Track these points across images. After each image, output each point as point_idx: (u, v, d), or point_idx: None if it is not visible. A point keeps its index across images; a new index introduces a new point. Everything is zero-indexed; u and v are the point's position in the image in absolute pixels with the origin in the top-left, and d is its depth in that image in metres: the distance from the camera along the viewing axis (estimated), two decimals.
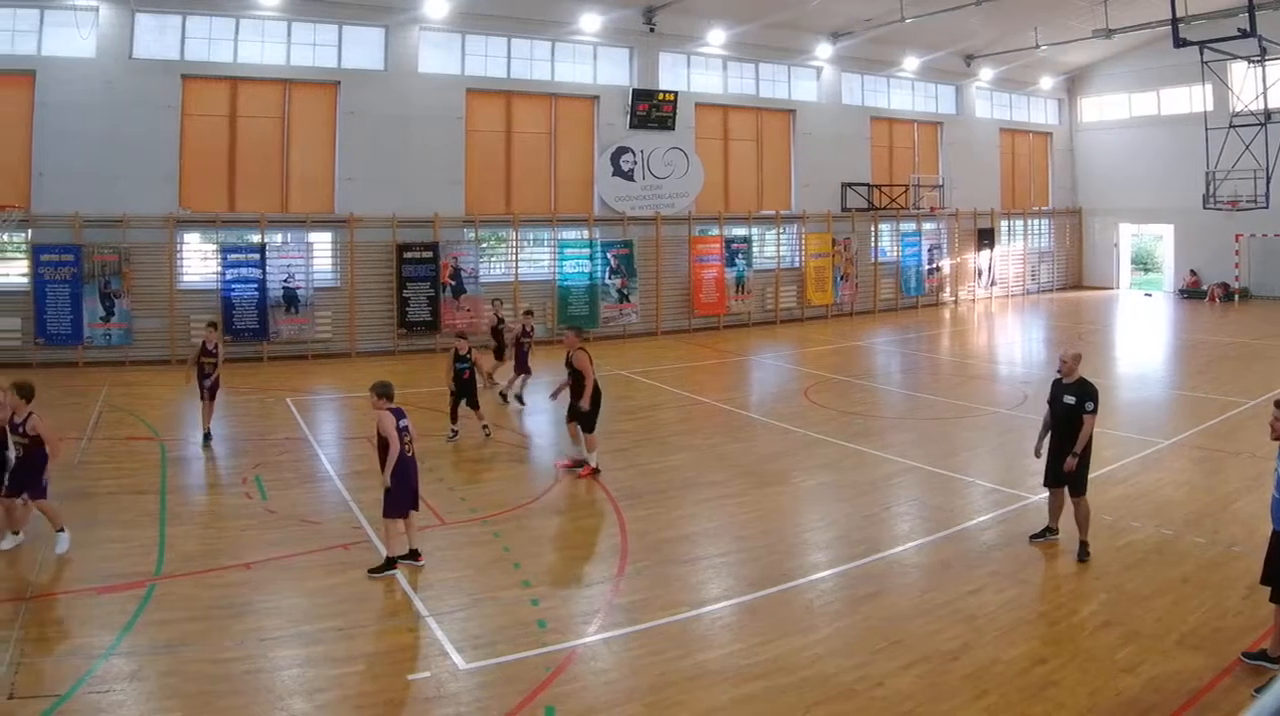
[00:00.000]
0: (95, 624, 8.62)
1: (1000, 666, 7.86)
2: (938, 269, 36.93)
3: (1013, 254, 40.01)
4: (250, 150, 24.67)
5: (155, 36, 23.28)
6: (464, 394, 15.77)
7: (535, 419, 18.80)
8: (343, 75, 25.46)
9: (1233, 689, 7.44)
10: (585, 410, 13.65)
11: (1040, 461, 10.73)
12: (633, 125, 29.42)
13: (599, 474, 13.64)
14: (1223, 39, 27.04)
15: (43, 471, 10.26)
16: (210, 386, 15.39)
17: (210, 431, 15.48)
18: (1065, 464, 10.04)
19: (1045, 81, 40.17)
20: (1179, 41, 25.94)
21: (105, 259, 22.57)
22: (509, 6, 26.98)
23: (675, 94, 29.94)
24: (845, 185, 34.24)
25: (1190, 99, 36.14)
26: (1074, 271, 42.42)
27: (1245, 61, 29.91)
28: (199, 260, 24.44)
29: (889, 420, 17.85)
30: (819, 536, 11.41)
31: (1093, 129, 41.55)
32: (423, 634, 8.60)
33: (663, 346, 27.53)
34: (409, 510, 10.08)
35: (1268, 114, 30.39)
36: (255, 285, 24.02)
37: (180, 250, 23.87)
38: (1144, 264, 43.25)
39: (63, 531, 10.16)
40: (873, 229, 35.01)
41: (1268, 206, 31.05)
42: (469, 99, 27.11)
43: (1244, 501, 12.14)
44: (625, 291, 29.01)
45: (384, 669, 7.96)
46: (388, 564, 9.91)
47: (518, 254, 27.87)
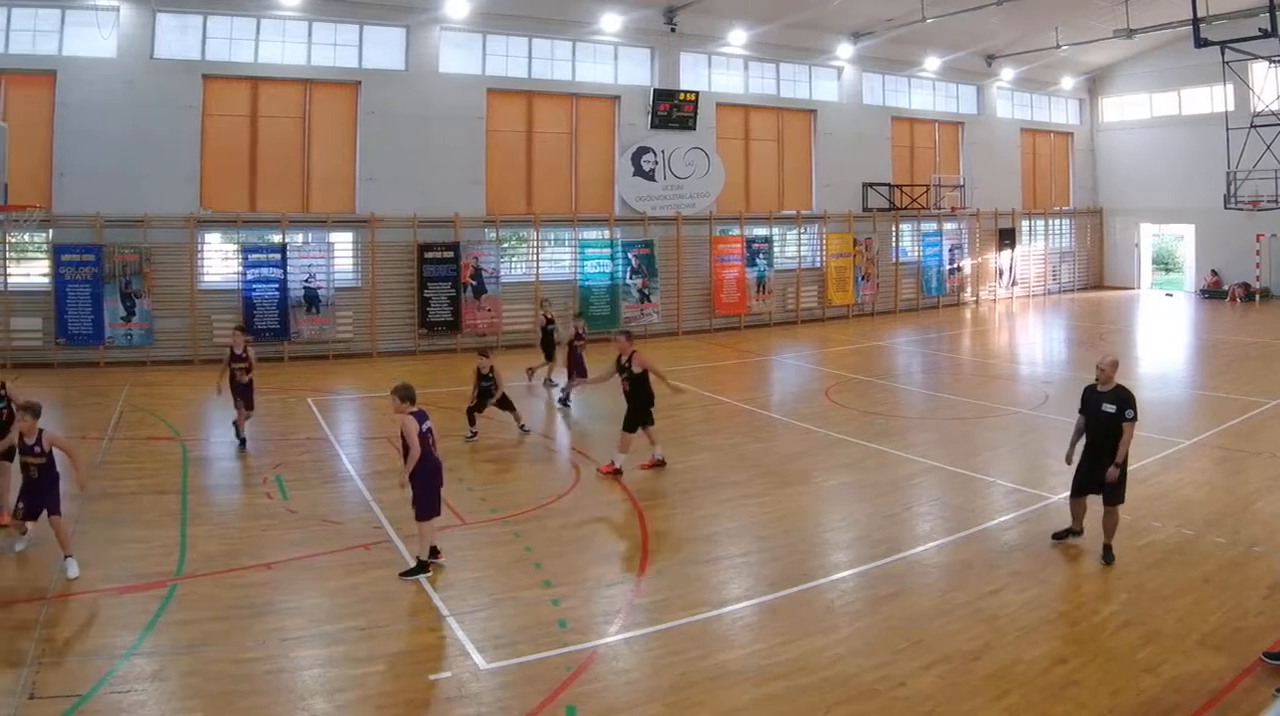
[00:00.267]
0: (117, 624, 8.48)
1: (1021, 666, 7.74)
2: (959, 269, 36.23)
3: (1034, 254, 39.27)
4: (271, 150, 24.24)
5: (176, 36, 22.86)
6: (485, 404, 15.70)
7: (559, 420, 18.51)
8: (364, 75, 25.00)
9: (1254, 689, 7.31)
10: (641, 410, 13.61)
11: (1061, 464, 10.56)
12: (654, 125, 28.87)
13: (621, 476, 13.37)
14: (1244, 39, 26.64)
15: (58, 486, 9.83)
16: (245, 392, 14.91)
17: (244, 437, 15.11)
18: (1108, 474, 9.73)
19: (1066, 81, 39.43)
20: (1200, 41, 25.64)
21: (126, 259, 22.17)
22: (530, 6, 26.49)
23: (696, 94, 29.36)
24: (866, 185, 33.59)
25: (1211, 99, 35.54)
26: (1095, 271, 41.63)
27: (1266, 61, 29.57)
28: (220, 260, 23.97)
29: (910, 420, 17.54)
30: (840, 536, 11.26)
31: (1114, 129, 40.78)
32: (444, 633, 8.46)
33: (684, 346, 26.96)
34: (439, 510, 9.92)
35: None
36: (276, 285, 23.57)
37: (201, 250, 23.43)
38: (1165, 264, 42.45)
39: (71, 557, 9.61)
40: (894, 229, 34.36)
41: None
42: (490, 99, 26.61)
43: (1265, 501, 11.98)
44: (646, 291, 28.45)
45: (405, 669, 7.84)
46: (420, 566, 9.71)
47: (539, 254, 27.33)
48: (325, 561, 10.11)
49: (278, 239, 23.94)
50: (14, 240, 22.19)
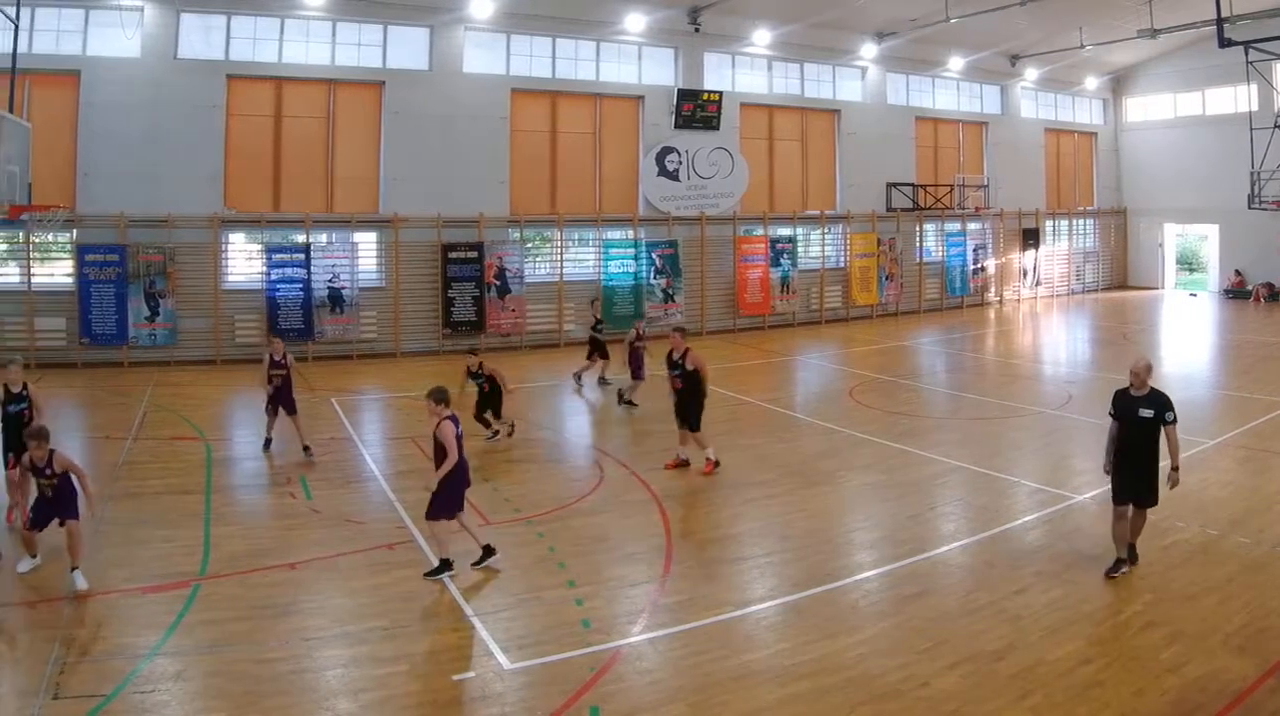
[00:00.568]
0: (140, 624, 8.36)
1: (1045, 666, 7.59)
2: (982, 269, 35.30)
3: (1057, 254, 38.25)
4: (295, 150, 23.67)
5: (200, 36, 22.34)
6: (487, 406, 15.01)
7: (581, 419, 18.27)
8: (388, 75, 24.41)
9: (1277, 689, 7.21)
10: (700, 408, 13.32)
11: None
12: (677, 125, 28.16)
13: (719, 466, 13.31)
14: (1268, 39, 26.21)
15: (76, 499, 9.31)
16: (284, 399, 14.24)
17: (270, 439, 14.55)
18: (1170, 481, 9.22)
19: (1090, 81, 38.42)
20: (1224, 41, 25.16)
21: (150, 259, 21.65)
22: (554, 6, 25.87)
23: (720, 94, 28.64)
24: (890, 185, 32.76)
25: (1235, 99, 34.76)
26: (1119, 271, 40.56)
27: None
28: (244, 260, 23.43)
29: (934, 420, 17.19)
30: (864, 536, 11.09)
31: (1137, 129, 39.74)
32: (467, 634, 8.32)
33: (708, 346, 26.00)
34: (456, 512, 9.68)
35: None
36: (300, 285, 23.00)
37: (225, 250, 22.89)
38: (1189, 264, 41.54)
39: (78, 570, 9.01)
40: (918, 229, 33.47)
41: None
42: (514, 99, 25.97)
43: None
44: (670, 291, 27.72)
45: (429, 669, 7.74)
46: (443, 565, 9.49)
47: (563, 254, 26.66)
48: (349, 561, 9.93)
49: (302, 239, 23.37)
50: (38, 240, 21.71)
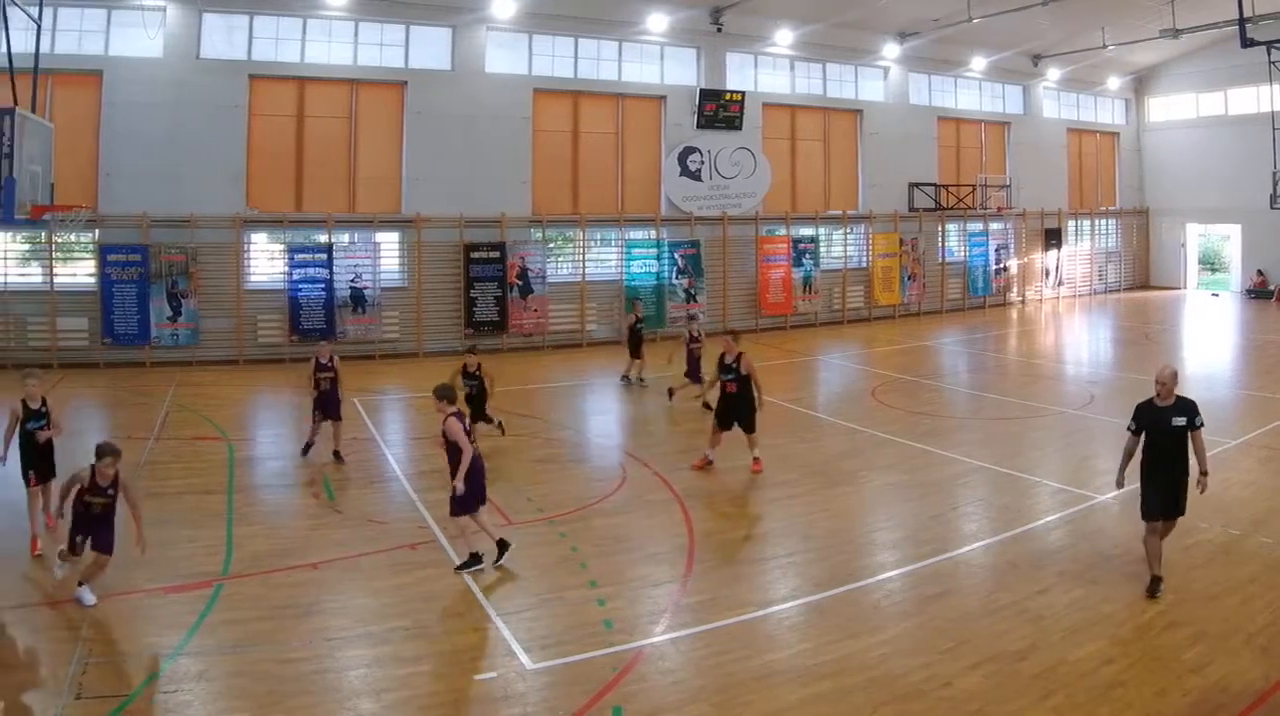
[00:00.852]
0: (163, 624, 8.21)
1: (1067, 666, 7.44)
2: (1005, 269, 34.42)
3: (1080, 254, 37.28)
4: (317, 150, 23.10)
5: (222, 36, 21.83)
6: (469, 406, 13.93)
7: (603, 419, 17.79)
8: (410, 75, 23.82)
9: None
10: (754, 411, 13.05)
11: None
12: (700, 125, 27.47)
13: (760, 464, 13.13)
14: None
15: (113, 524, 8.69)
16: (331, 402, 13.63)
17: (312, 444, 13.89)
18: (1200, 486, 8.90)
19: (1112, 81, 37.43)
20: (1246, 41, 24.60)
21: (172, 259, 21.12)
22: (576, 7, 25.24)
23: (742, 94, 27.92)
24: (912, 185, 31.92)
25: (1258, 99, 33.83)
26: (1141, 271, 39.50)
27: None
28: (266, 260, 22.89)
29: (956, 420, 16.87)
30: (886, 536, 10.90)
31: (1160, 129, 38.72)
32: (490, 634, 8.18)
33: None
34: (478, 507, 9.57)
35: None
36: (322, 285, 22.42)
37: (247, 250, 22.35)
38: (1211, 264, 40.58)
39: (86, 585, 8.48)
40: (940, 229, 32.62)
41: None
42: (536, 99, 25.33)
43: None
44: (692, 291, 27.00)
45: (451, 669, 7.57)
46: (473, 559, 9.43)
47: (585, 254, 26.02)
48: (371, 561, 9.75)
49: (324, 239, 22.80)
50: (61, 240, 21.23)
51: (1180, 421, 8.84)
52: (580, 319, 25.60)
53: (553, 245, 25.87)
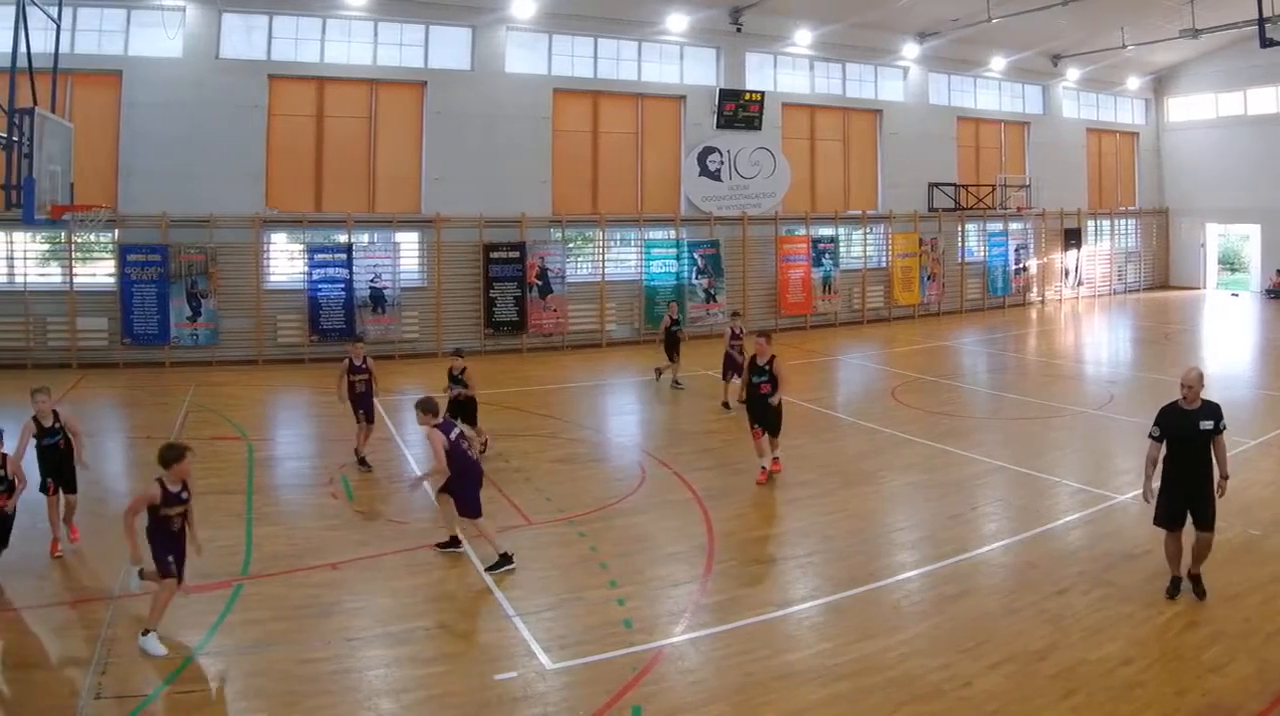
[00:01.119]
0: (182, 624, 8.00)
1: (1087, 666, 7.31)
2: (1024, 269, 33.64)
3: (1099, 254, 36.41)
4: (337, 150, 22.61)
5: (242, 36, 21.36)
6: (458, 413, 13.04)
7: (622, 419, 17.39)
8: (429, 75, 23.29)
9: None
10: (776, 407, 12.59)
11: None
12: (719, 125, 26.84)
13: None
14: None
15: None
16: (366, 404, 13.11)
17: (364, 457, 13.23)
18: (1221, 490, 8.46)
19: (1132, 81, 36.57)
20: (1266, 41, 23.80)
21: (192, 259, 20.67)
22: (596, 7, 24.66)
23: (762, 94, 27.28)
24: (932, 185, 31.17)
25: (1278, 99, 33.43)
26: (1160, 271, 38.64)
27: None
28: (285, 260, 22.37)
29: (976, 420, 16.50)
30: (906, 536, 10.68)
31: (1179, 129, 37.83)
32: (509, 634, 8.03)
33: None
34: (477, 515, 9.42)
35: None
36: (342, 285, 21.92)
37: (267, 250, 21.87)
38: (1230, 264, 39.67)
39: (152, 633, 7.59)
40: (959, 229, 31.87)
41: None
42: (556, 99, 24.77)
43: None
44: (712, 291, 26.38)
45: (470, 669, 7.44)
46: (503, 559, 9.24)
47: (604, 254, 25.44)
48: (391, 561, 9.61)
49: (343, 239, 22.28)
50: (80, 240, 20.82)
51: (1208, 425, 8.45)
52: (600, 319, 25.03)
53: (572, 245, 25.31)
